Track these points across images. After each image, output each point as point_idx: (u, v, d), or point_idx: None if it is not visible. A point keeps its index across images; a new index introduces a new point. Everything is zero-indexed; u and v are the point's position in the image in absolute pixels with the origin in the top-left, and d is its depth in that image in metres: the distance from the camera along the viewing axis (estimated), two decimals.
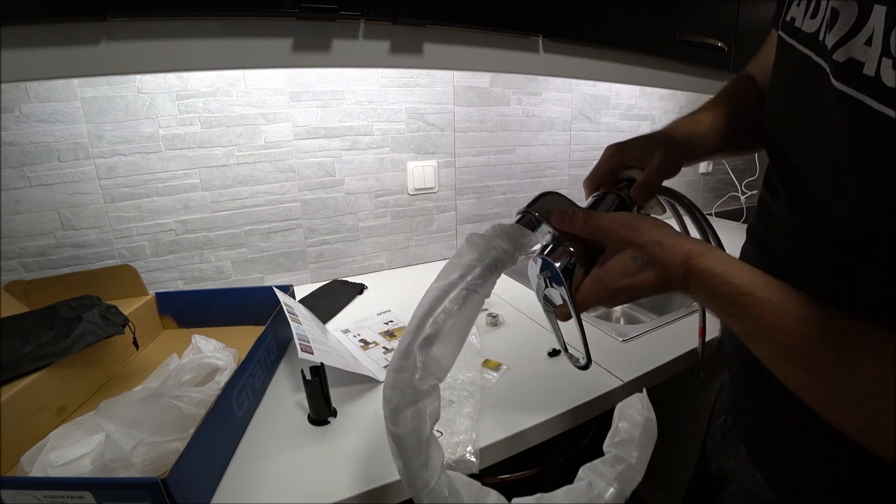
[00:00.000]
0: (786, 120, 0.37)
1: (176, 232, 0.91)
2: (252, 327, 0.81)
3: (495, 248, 0.40)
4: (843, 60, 0.27)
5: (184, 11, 0.52)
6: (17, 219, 0.78)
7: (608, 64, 0.89)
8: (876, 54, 0.25)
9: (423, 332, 0.38)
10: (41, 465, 0.46)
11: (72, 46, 0.48)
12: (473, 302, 0.39)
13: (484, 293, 0.40)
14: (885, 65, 0.25)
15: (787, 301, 0.30)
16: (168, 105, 0.84)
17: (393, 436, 0.38)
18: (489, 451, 0.56)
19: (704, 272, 0.33)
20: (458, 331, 0.39)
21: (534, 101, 1.25)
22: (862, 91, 0.26)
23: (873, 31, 0.26)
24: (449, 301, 0.38)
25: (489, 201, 1.27)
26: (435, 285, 0.40)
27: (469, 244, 0.41)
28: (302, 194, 1.01)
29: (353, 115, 1.01)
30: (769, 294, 0.30)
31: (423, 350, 0.37)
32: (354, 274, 1.13)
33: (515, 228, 0.42)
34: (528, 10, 0.74)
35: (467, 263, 0.40)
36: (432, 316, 0.38)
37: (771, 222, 0.40)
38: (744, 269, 0.32)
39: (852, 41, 0.27)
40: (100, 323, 0.64)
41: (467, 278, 0.39)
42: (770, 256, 0.40)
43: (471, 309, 0.39)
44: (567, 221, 0.41)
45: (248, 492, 0.49)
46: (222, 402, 0.51)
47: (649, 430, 0.48)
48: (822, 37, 0.31)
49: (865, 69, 0.26)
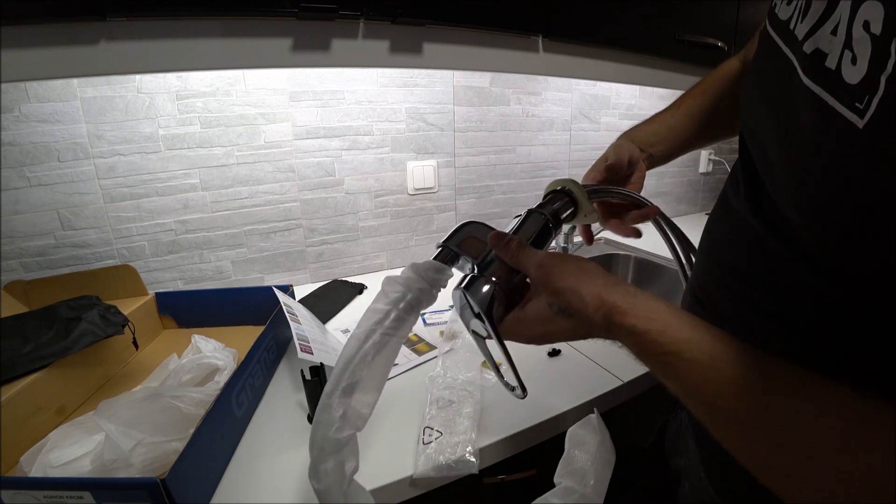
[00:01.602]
0: (754, 111, 0.35)
1: (176, 232, 0.91)
2: (252, 327, 0.81)
3: (411, 289, 0.40)
4: (810, 52, 0.26)
5: (183, 11, 0.52)
6: (16, 219, 0.78)
7: (608, 64, 0.89)
8: (839, 45, 0.23)
9: (342, 383, 0.38)
10: (41, 466, 0.46)
11: (72, 46, 0.48)
12: (391, 346, 0.40)
13: (402, 335, 0.41)
14: (845, 57, 0.23)
15: (719, 360, 0.27)
16: (168, 105, 0.84)
17: (315, 491, 0.39)
18: (489, 451, 0.56)
19: (629, 330, 0.30)
20: (377, 376, 0.40)
21: (534, 100, 1.25)
22: (822, 86, 0.24)
23: (840, 19, 0.24)
24: (365, 349, 0.39)
25: (489, 201, 1.27)
26: (354, 333, 0.40)
27: (385, 289, 0.41)
28: (302, 194, 1.01)
29: (352, 115, 1.01)
30: (698, 354, 0.28)
31: (341, 400, 0.38)
32: (354, 274, 1.13)
33: (430, 266, 0.42)
34: (528, 9, 0.74)
35: (383, 308, 0.40)
36: (350, 366, 0.38)
37: (727, 216, 0.38)
38: (674, 322, 0.30)
39: (821, 30, 0.25)
40: (99, 323, 0.64)
41: (385, 323, 0.39)
42: (719, 251, 0.39)
43: (388, 353, 0.40)
44: (503, 246, 0.40)
45: (248, 492, 0.49)
46: (222, 402, 0.51)
47: (604, 454, 0.47)
48: (792, 26, 0.29)
49: (828, 61, 0.24)
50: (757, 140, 0.34)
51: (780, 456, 0.25)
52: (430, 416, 0.59)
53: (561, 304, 0.34)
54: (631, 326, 0.30)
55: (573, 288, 0.33)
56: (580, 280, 0.33)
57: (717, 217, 0.42)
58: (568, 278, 0.34)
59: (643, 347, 0.30)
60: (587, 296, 0.32)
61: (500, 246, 0.40)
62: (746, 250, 0.34)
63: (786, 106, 0.29)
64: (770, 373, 0.26)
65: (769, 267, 0.32)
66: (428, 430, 0.56)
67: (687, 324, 0.30)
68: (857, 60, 0.22)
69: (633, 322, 0.30)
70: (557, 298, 0.34)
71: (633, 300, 0.31)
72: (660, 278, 1.22)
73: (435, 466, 0.51)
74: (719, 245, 0.39)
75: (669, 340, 0.29)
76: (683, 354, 0.28)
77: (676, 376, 0.29)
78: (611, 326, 0.31)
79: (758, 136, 0.34)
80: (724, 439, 0.28)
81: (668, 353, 0.29)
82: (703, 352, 0.28)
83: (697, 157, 1.76)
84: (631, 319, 0.30)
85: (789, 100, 0.28)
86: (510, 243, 0.40)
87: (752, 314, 0.34)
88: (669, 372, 0.29)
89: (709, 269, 0.40)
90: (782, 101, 0.30)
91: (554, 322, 0.35)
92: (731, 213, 0.37)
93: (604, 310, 0.32)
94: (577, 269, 0.35)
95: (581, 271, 0.34)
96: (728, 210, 0.38)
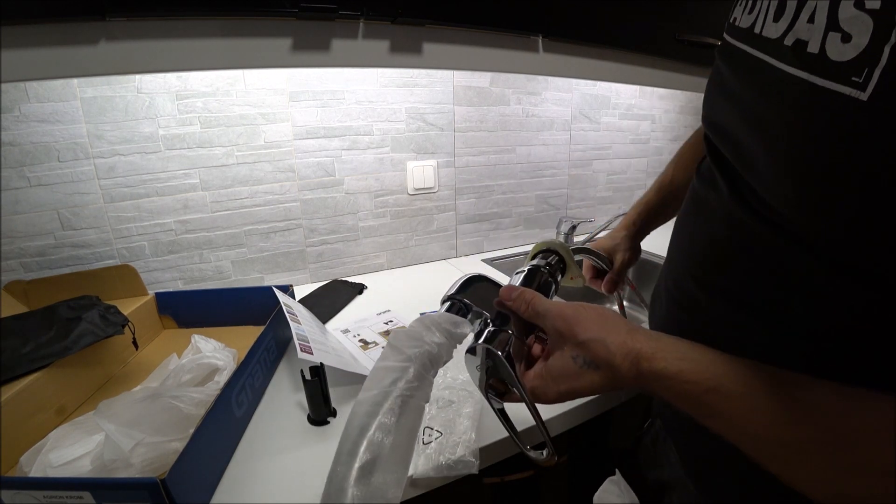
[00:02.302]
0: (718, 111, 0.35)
1: (176, 232, 0.91)
2: (252, 327, 0.81)
3: (427, 343, 0.36)
4: (791, 43, 0.26)
5: (183, 11, 0.52)
6: (16, 219, 0.78)
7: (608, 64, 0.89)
8: (820, 30, 0.24)
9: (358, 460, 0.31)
10: (40, 466, 0.46)
11: (71, 46, 0.48)
12: (414, 410, 0.33)
13: (422, 398, 0.34)
14: (831, 39, 0.23)
15: (763, 388, 0.26)
16: (167, 105, 0.84)
17: None
18: (489, 451, 0.56)
19: (660, 375, 0.29)
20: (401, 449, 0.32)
21: (534, 100, 1.25)
22: (806, 70, 0.24)
23: (815, 8, 0.24)
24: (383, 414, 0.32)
25: (489, 201, 1.27)
26: (363, 397, 0.34)
27: (394, 343, 0.36)
28: (301, 194, 1.01)
29: (352, 115, 1.01)
30: (739, 386, 0.27)
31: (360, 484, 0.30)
32: (354, 274, 1.13)
33: (447, 318, 0.38)
34: (527, 9, 0.74)
35: (398, 365, 0.34)
36: (366, 437, 0.31)
37: (708, 215, 0.37)
38: (703, 359, 0.29)
39: (798, 22, 0.25)
40: (99, 323, 0.64)
41: (399, 384, 0.33)
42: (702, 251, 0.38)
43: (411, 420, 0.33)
44: (515, 299, 0.38)
45: (248, 492, 0.49)
46: (222, 402, 0.51)
47: None
48: (758, 29, 0.29)
49: (809, 47, 0.24)
50: (728, 138, 0.33)
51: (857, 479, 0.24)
52: (430, 416, 0.59)
53: (587, 357, 0.33)
54: (662, 370, 0.29)
55: (599, 339, 0.32)
56: (604, 329, 0.32)
57: (692, 218, 0.40)
58: (592, 329, 0.33)
59: (678, 389, 0.29)
60: (612, 345, 0.31)
61: (513, 299, 0.38)
62: (738, 247, 0.33)
63: (757, 100, 0.29)
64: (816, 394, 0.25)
65: (765, 261, 0.31)
66: (428, 430, 0.56)
67: (716, 358, 0.29)
68: (851, 38, 0.22)
69: (662, 365, 0.29)
70: (583, 350, 0.33)
71: (659, 343, 0.31)
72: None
73: (435, 466, 0.51)
74: (702, 245, 0.38)
75: (704, 378, 0.28)
76: (722, 389, 0.27)
77: (720, 413, 0.28)
78: (639, 373, 0.30)
79: (729, 134, 0.33)
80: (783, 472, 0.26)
81: (707, 390, 0.28)
82: (739, 381, 0.27)
83: None
84: (660, 363, 0.30)
85: (761, 93, 0.28)
86: (523, 295, 0.38)
87: (740, 313, 0.34)
88: (711, 410, 0.28)
89: (689, 270, 0.39)
90: (751, 97, 0.29)
91: (581, 377, 0.33)
92: (713, 213, 0.36)
93: (631, 357, 0.31)
94: (600, 319, 0.33)
95: (603, 320, 0.33)
96: (708, 210, 0.37)
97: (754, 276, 0.32)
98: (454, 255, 1.27)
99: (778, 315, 0.31)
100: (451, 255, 1.26)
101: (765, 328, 0.32)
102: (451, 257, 1.26)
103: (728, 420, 0.27)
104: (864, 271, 0.25)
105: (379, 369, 0.35)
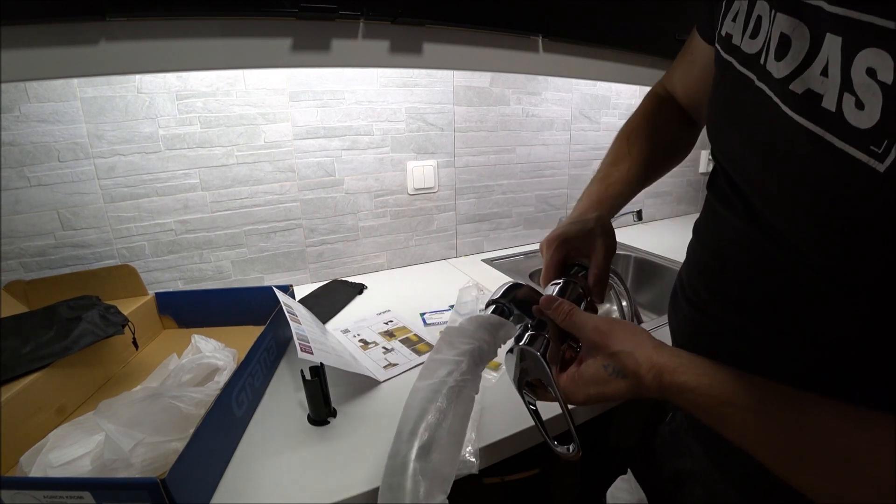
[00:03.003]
0: (727, 140, 0.37)
1: (176, 232, 0.91)
2: (252, 327, 0.81)
3: (477, 339, 0.39)
4: (801, 92, 0.27)
5: (183, 11, 0.52)
6: (16, 219, 0.78)
7: (608, 64, 0.89)
8: (835, 87, 0.24)
9: (418, 440, 0.34)
10: (40, 466, 0.46)
11: (72, 46, 0.48)
12: (466, 399, 0.37)
13: (473, 389, 0.38)
14: (846, 101, 0.24)
15: (773, 404, 0.29)
16: (168, 105, 0.84)
17: None
18: (489, 451, 0.56)
19: (681, 387, 0.32)
20: (456, 433, 0.36)
21: (534, 100, 1.25)
22: (820, 125, 0.25)
23: (828, 60, 0.25)
24: (441, 401, 0.35)
25: (489, 201, 1.27)
26: (420, 385, 0.37)
27: (448, 338, 0.39)
28: (302, 194, 1.01)
29: (352, 115, 1.01)
30: (751, 401, 0.29)
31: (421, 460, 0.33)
32: (354, 274, 1.13)
33: (494, 319, 0.41)
34: (527, 9, 0.74)
35: (452, 359, 0.38)
36: (425, 420, 0.34)
37: (723, 228, 0.39)
38: (720, 375, 0.32)
39: (808, 71, 0.26)
40: (99, 323, 0.64)
41: (455, 374, 0.37)
42: (721, 261, 0.40)
43: (464, 408, 0.37)
44: (554, 309, 0.41)
45: (248, 492, 0.49)
46: (222, 402, 0.51)
47: None
48: (763, 61, 0.30)
49: (825, 102, 0.25)
50: (739, 169, 0.36)
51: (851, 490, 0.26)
52: None
53: (617, 366, 0.36)
54: (682, 383, 0.32)
55: (629, 351, 0.35)
56: (634, 343, 0.35)
57: (707, 225, 0.43)
58: (625, 342, 0.36)
59: (696, 402, 0.32)
60: (640, 357, 0.34)
61: (553, 308, 0.41)
62: (747, 261, 0.36)
63: (774, 143, 0.30)
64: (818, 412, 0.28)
65: (773, 275, 0.33)
66: None
67: (732, 375, 0.31)
68: (864, 106, 0.23)
69: (683, 379, 0.32)
70: (614, 360, 0.36)
71: (680, 359, 0.34)
72: (660, 278, 1.22)
73: None
74: (712, 252, 0.41)
75: (720, 392, 0.31)
76: (735, 403, 0.30)
77: (735, 426, 0.30)
78: (662, 385, 0.33)
79: (740, 165, 0.36)
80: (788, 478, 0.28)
81: (721, 403, 0.30)
82: (753, 396, 0.29)
83: (697, 156, 1.76)
84: (681, 377, 0.32)
85: (771, 132, 0.30)
86: (562, 306, 0.41)
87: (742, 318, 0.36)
88: (726, 422, 0.31)
89: (700, 274, 0.42)
90: (769, 138, 0.31)
91: (609, 383, 0.36)
92: (726, 223, 0.39)
93: (655, 370, 0.33)
94: (631, 334, 0.37)
95: (633, 335, 0.36)
96: (721, 220, 0.40)
97: (762, 287, 0.34)
98: (454, 255, 1.27)
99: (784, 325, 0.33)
100: (451, 255, 1.26)
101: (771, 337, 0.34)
102: (450, 257, 1.26)
103: (739, 430, 0.30)
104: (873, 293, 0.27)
105: (434, 361, 0.38)
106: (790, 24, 0.27)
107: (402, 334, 0.82)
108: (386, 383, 0.67)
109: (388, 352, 0.76)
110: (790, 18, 0.27)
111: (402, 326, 0.85)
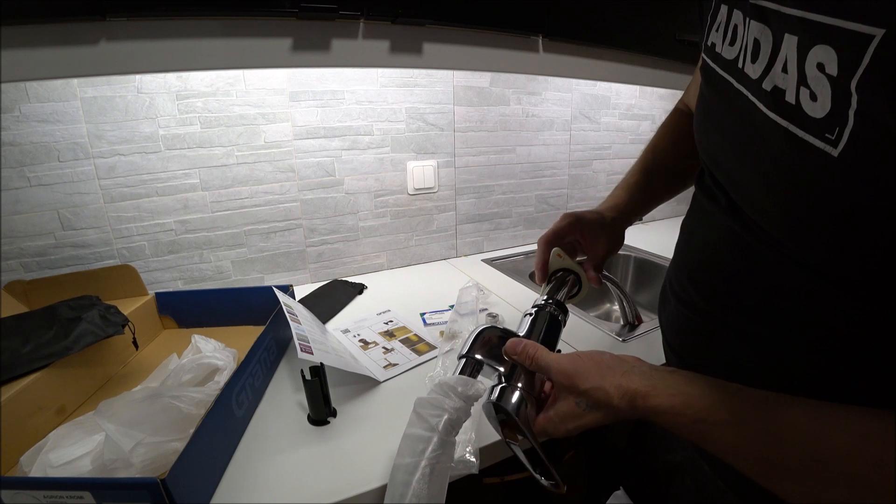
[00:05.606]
0: (713, 144, 0.38)
1: (176, 232, 0.91)
2: (252, 327, 0.81)
3: (447, 409, 0.40)
4: (769, 89, 0.28)
5: (183, 11, 0.52)
6: (16, 219, 0.78)
7: (608, 64, 0.89)
8: (794, 82, 0.26)
9: None
10: (41, 465, 0.46)
11: (72, 46, 0.48)
12: (440, 473, 0.39)
13: (447, 460, 0.40)
14: (803, 94, 0.25)
15: (746, 414, 0.30)
16: (168, 105, 0.84)
17: None
18: (489, 451, 0.56)
19: (655, 410, 0.33)
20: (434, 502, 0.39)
21: (534, 100, 1.25)
22: (787, 119, 0.27)
23: (786, 58, 0.26)
24: (416, 483, 0.38)
25: (489, 201, 1.27)
26: (399, 463, 0.40)
27: (420, 410, 0.41)
28: (302, 194, 1.01)
29: (352, 115, 1.01)
30: (724, 414, 0.30)
31: None
32: (354, 274, 1.13)
33: (461, 381, 0.42)
34: (527, 9, 0.74)
35: (424, 435, 0.40)
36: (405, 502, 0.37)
37: (709, 224, 0.40)
38: (693, 392, 0.32)
39: (773, 69, 0.28)
40: (99, 323, 0.64)
41: (427, 453, 0.39)
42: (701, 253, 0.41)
43: (440, 481, 0.39)
44: (520, 353, 0.42)
45: (248, 492, 0.49)
46: (222, 402, 0.51)
47: None
48: (741, 65, 0.31)
49: (787, 96, 0.27)
50: (721, 167, 0.37)
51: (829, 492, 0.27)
52: None
53: (588, 402, 0.37)
54: (656, 406, 0.33)
55: (598, 386, 0.36)
56: (601, 376, 0.37)
57: (695, 222, 0.44)
58: (590, 379, 0.37)
59: (672, 422, 0.33)
60: (610, 388, 0.35)
61: (518, 353, 0.43)
62: (733, 256, 0.36)
63: (750, 139, 0.32)
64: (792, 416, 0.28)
65: (757, 270, 0.34)
66: None
67: (705, 390, 0.32)
68: (816, 97, 0.25)
69: (656, 402, 0.33)
70: (585, 398, 0.37)
71: (651, 381, 0.35)
72: (660, 278, 1.22)
73: None
74: (700, 248, 0.42)
75: (693, 410, 0.32)
76: (709, 419, 0.31)
77: (712, 440, 0.31)
78: (635, 409, 0.34)
79: (722, 164, 0.37)
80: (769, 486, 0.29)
81: (695, 421, 0.31)
82: (728, 410, 0.30)
83: None
84: (654, 400, 0.33)
85: (753, 133, 0.31)
86: (526, 350, 0.42)
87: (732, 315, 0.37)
88: (704, 438, 0.32)
89: (688, 270, 0.43)
90: (745, 135, 0.32)
91: (584, 416, 0.38)
92: (713, 221, 0.39)
93: (627, 397, 0.34)
94: (596, 367, 0.38)
95: (598, 367, 0.37)
96: (708, 217, 0.40)
97: (747, 282, 0.35)
98: (454, 255, 1.27)
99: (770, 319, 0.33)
100: (451, 255, 1.26)
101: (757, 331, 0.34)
102: (451, 257, 1.26)
103: (716, 444, 0.31)
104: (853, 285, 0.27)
105: (408, 437, 0.41)
106: (759, 29, 0.29)
107: (402, 334, 0.82)
108: (386, 383, 0.67)
109: (388, 352, 0.76)
110: (758, 24, 0.29)
111: (402, 326, 0.85)
